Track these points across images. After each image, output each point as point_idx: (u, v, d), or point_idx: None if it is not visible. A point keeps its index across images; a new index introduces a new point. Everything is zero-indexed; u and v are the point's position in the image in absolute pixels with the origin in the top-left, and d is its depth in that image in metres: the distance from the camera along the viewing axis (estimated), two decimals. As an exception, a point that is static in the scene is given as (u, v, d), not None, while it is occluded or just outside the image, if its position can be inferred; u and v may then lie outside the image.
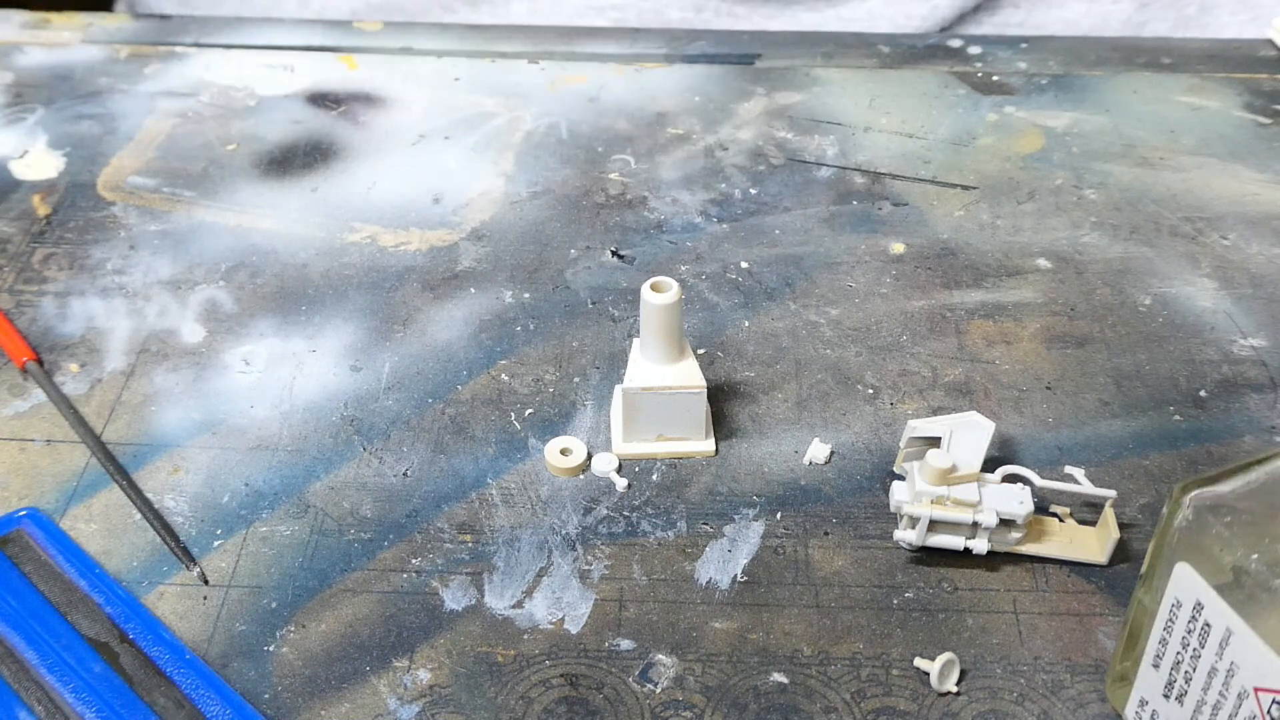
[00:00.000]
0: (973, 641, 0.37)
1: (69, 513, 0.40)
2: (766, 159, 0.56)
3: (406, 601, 0.38)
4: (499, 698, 0.36)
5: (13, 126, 0.57)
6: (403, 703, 0.36)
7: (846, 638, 0.37)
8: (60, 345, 0.46)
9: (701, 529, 0.40)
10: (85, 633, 0.37)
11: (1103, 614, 0.38)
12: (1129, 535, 0.40)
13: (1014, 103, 0.59)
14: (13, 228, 0.51)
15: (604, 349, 0.47)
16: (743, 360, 0.46)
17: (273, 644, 0.37)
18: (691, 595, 0.39)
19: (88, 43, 0.63)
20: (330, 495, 0.41)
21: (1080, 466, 0.41)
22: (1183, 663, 0.32)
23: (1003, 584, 0.39)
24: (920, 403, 0.45)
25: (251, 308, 0.48)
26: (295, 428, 0.43)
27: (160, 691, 0.35)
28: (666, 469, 0.42)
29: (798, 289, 0.49)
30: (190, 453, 0.43)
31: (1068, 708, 0.36)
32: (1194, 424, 0.44)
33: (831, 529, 0.41)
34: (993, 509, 0.38)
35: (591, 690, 0.36)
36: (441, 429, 0.44)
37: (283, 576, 0.39)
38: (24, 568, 0.38)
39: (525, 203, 0.53)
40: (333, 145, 0.56)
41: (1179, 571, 0.31)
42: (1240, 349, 0.47)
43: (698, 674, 0.36)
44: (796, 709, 0.36)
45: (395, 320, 0.48)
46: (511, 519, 0.41)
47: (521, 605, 0.38)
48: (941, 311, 0.48)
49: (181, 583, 0.39)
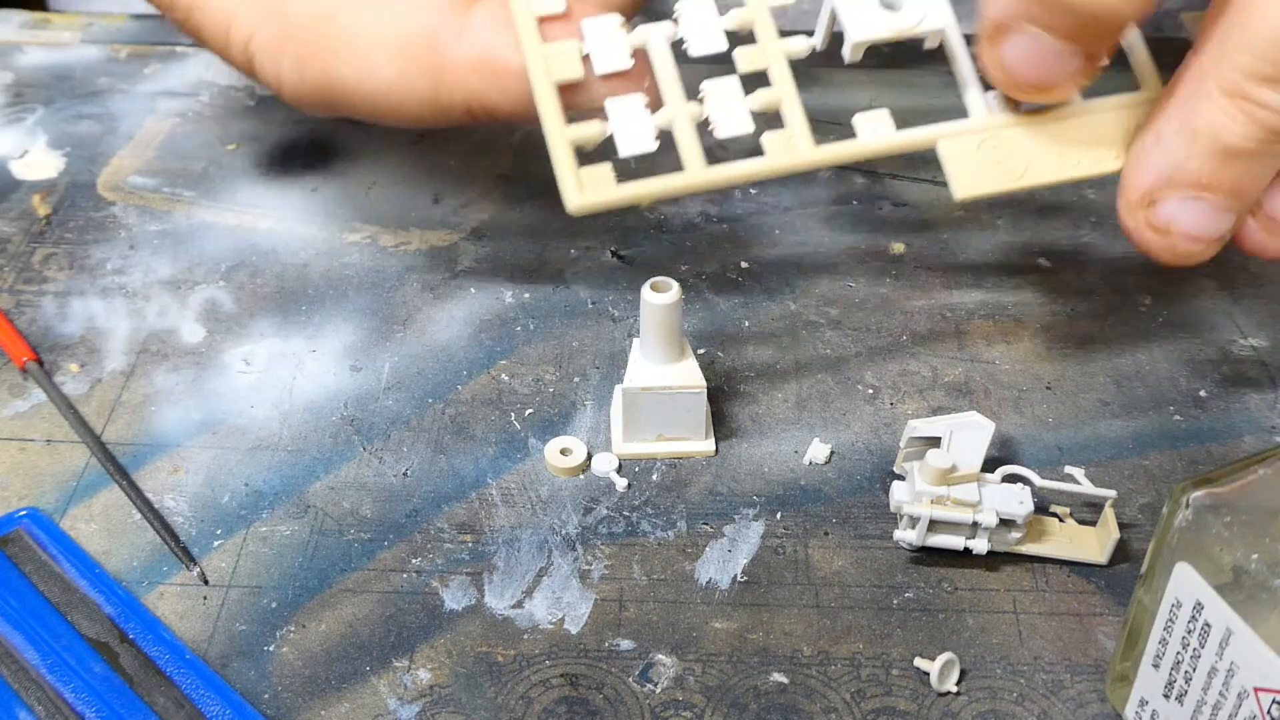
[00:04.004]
0: (973, 641, 0.37)
1: (69, 513, 0.40)
2: (766, 159, 0.56)
3: (406, 601, 0.38)
4: (499, 698, 0.36)
5: (13, 126, 0.57)
6: (403, 703, 0.36)
7: (846, 638, 0.37)
8: (60, 345, 0.46)
9: (701, 529, 0.40)
10: (85, 633, 0.37)
11: (1103, 614, 0.38)
12: (1129, 535, 0.40)
13: (1014, 103, 0.59)
14: (13, 228, 0.51)
15: (604, 349, 0.47)
16: (743, 360, 0.46)
17: (273, 644, 0.37)
18: (691, 595, 0.39)
19: (88, 43, 0.63)
20: (330, 495, 0.41)
21: (1080, 466, 0.41)
22: (1183, 663, 0.32)
23: (1003, 584, 0.39)
24: (920, 403, 0.45)
25: (251, 308, 0.48)
26: (295, 428, 0.43)
27: (160, 691, 0.35)
28: (666, 469, 0.42)
29: (798, 289, 0.49)
30: (190, 453, 0.43)
31: (1068, 708, 0.36)
32: (1194, 424, 0.44)
33: (831, 529, 0.41)
34: (993, 509, 0.38)
35: (591, 690, 0.36)
36: (441, 429, 0.44)
37: (283, 576, 0.39)
38: (24, 568, 0.38)
39: (525, 203, 0.53)
40: (333, 145, 0.56)
41: (1179, 571, 0.31)
42: (1240, 349, 0.47)
43: (698, 674, 0.36)
44: (796, 709, 0.36)
45: (395, 320, 0.48)
46: (511, 519, 0.41)
47: (521, 605, 0.38)
48: (941, 311, 0.49)
49: (181, 583, 0.39)
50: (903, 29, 0.39)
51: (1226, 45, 0.37)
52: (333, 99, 0.43)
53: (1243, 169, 0.38)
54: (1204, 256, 0.40)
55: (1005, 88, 0.39)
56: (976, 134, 0.40)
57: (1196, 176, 0.38)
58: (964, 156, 0.39)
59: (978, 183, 0.39)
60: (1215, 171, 0.38)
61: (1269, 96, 0.36)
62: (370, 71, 0.41)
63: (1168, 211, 0.39)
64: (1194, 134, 0.37)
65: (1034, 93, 0.38)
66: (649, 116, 0.38)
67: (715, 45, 0.39)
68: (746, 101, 0.38)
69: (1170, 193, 0.38)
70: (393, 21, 0.41)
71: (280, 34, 0.42)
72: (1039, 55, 0.37)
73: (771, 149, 0.38)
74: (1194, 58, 0.38)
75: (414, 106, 0.41)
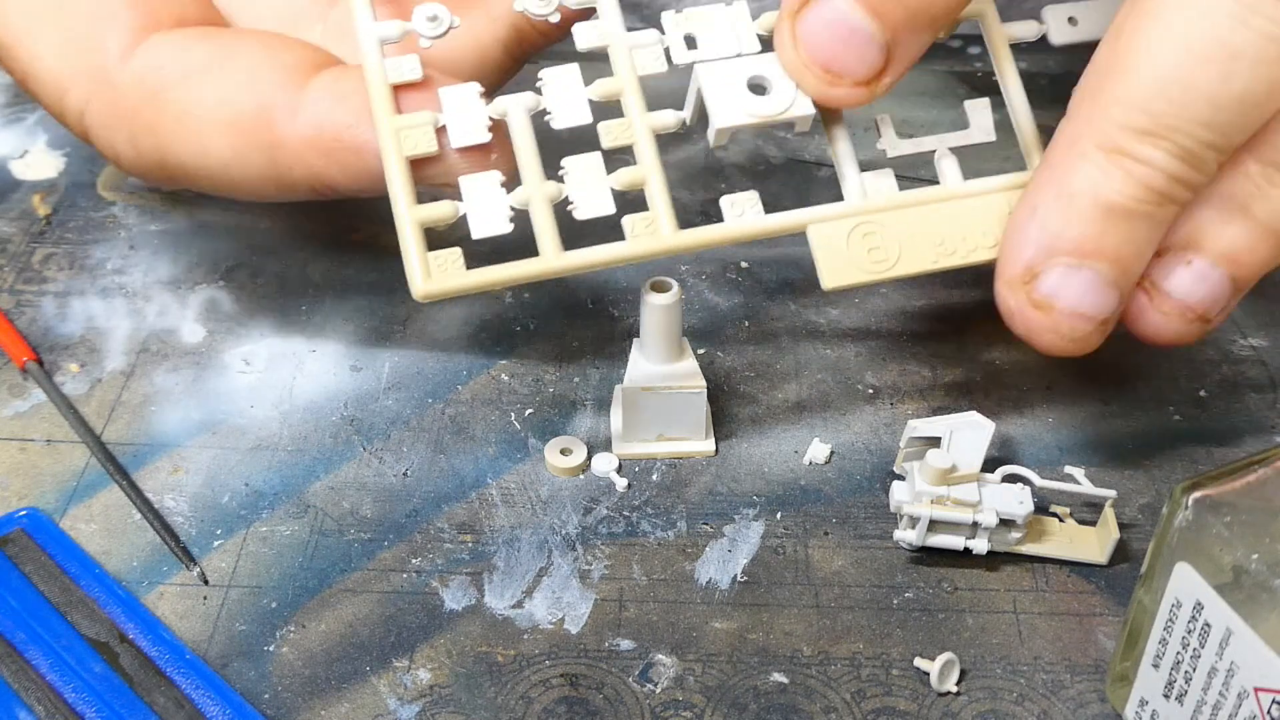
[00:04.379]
0: (973, 641, 0.37)
1: (69, 513, 0.40)
2: (766, 159, 0.56)
3: (406, 601, 0.38)
4: (499, 698, 0.36)
5: (13, 126, 0.57)
6: (403, 703, 0.36)
7: (846, 638, 0.37)
8: (60, 345, 0.46)
9: (701, 529, 0.40)
10: (85, 633, 0.37)
11: (1103, 614, 0.38)
12: (1129, 535, 0.40)
13: (1014, 103, 0.59)
14: (13, 228, 0.51)
15: (604, 349, 0.47)
16: (743, 360, 0.46)
17: (273, 644, 0.37)
18: (691, 595, 0.39)
19: (88, 43, 0.63)
20: (330, 495, 0.41)
21: (1080, 466, 0.41)
22: (1183, 663, 0.32)
23: (1003, 584, 0.39)
24: (920, 403, 0.45)
25: (251, 308, 0.48)
26: (295, 428, 0.43)
27: (160, 691, 0.35)
28: (666, 469, 0.42)
29: (798, 289, 0.49)
30: (190, 453, 0.43)
31: (1068, 708, 0.36)
32: (1194, 424, 0.44)
33: (831, 529, 0.41)
34: (993, 509, 0.38)
35: (591, 690, 0.36)
36: (441, 429, 0.44)
37: (283, 576, 0.39)
38: (24, 568, 0.38)
39: (525, 203, 0.53)
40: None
41: (1179, 571, 0.31)
42: (1240, 349, 0.47)
43: (698, 674, 0.36)
44: (796, 709, 0.36)
45: (395, 320, 0.48)
46: (511, 519, 0.41)
47: (521, 605, 0.38)
48: (941, 312, 0.48)
49: (181, 583, 0.39)
50: (769, 115, 0.37)
51: (1101, 100, 0.35)
52: (171, 175, 0.41)
53: (1125, 232, 0.35)
54: (1091, 341, 0.37)
55: (793, 69, 0.37)
56: (849, 219, 0.38)
57: (1078, 243, 0.35)
58: (834, 244, 0.38)
59: (847, 273, 0.38)
60: (1097, 236, 0.35)
61: (1148, 151, 0.34)
62: (205, 149, 0.39)
63: (1050, 285, 0.36)
64: (1071, 197, 0.35)
65: (821, 78, 0.36)
66: (504, 195, 0.37)
67: (580, 117, 0.37)
68: (609, 180, 0.37)
69: (1051, 263, 0.36)
70: (226, 97, 0.39)
71: (111, 109, 0.40)
72: (837, 26, 0.35)
73: (633, 232, 0.37)
74: (1066, 123, 0.36)
75: (255, 184, 0.40)
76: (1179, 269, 0.37)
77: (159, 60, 0.39)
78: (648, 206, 0.38)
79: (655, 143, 0.38)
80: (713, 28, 0.38)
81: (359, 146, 0.38)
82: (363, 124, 0.38)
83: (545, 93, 0.38)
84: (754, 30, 0.39)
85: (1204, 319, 0.38)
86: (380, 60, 0.37)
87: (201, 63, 0.39)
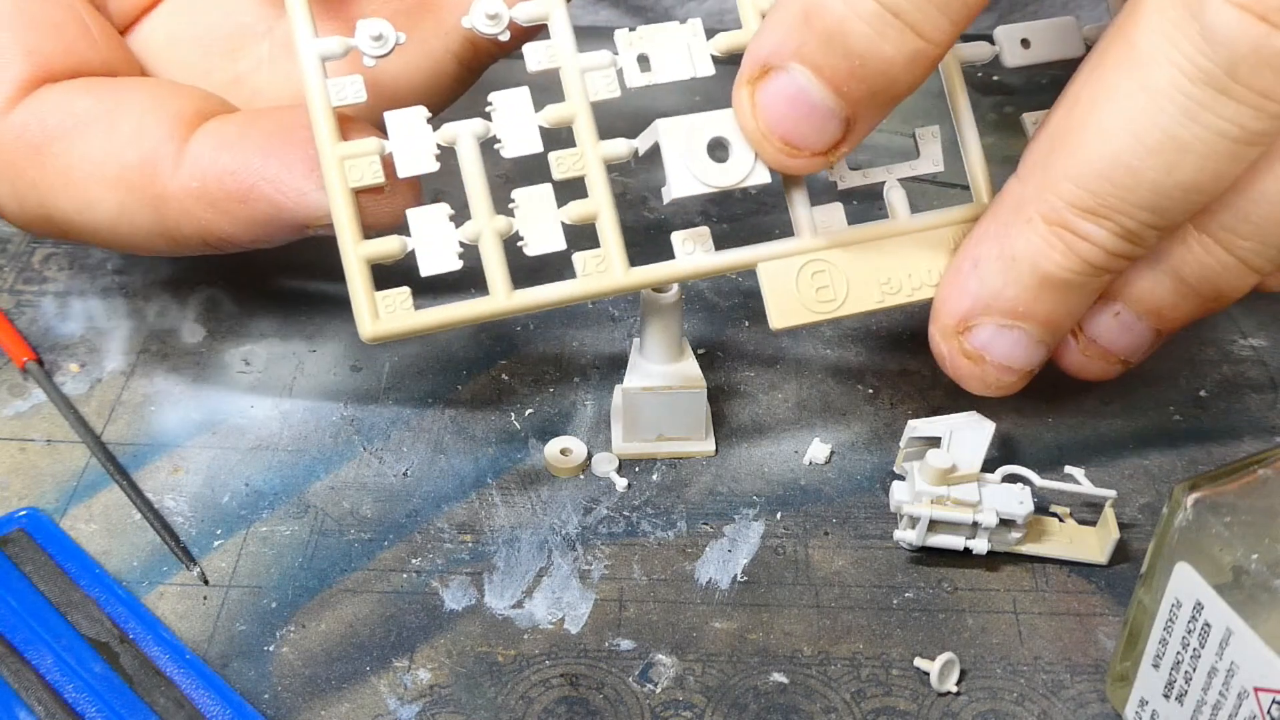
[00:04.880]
0: (973, 641, 0.37)
1: (69, 513, 0.40)
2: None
3: (406, 601, 0.38)
4: (499, 698, 0.36)
5: (13, 126, 0.57)
6: (403, 703, 0.36)
7: (846, 638, 0.37)
8: (60, 345, 0.46)
9: (701, 529, 0.40)
10: (85, 633, 0.37)
11: (1103, 614, 0.38)
12: (1129, 535, 0.40)
13: (1014, 103, 0.59)
14: (13, 227, 0.51)
15: (604, 349, 0.47)
16: (743, 360, 0.46)
17: (273, 644, 0.37)
18: (691, 595, 0.39)
19: (88, 43, 0.63)
20: (330, 495, 0.41)
21: (1080, 466, 0.41)
22: (1183, 663, 0.32)
23: (1003, 584, 0.39)
24: (920, 403, 0.45)
25: (251, 308, 0.48)
26: (295, 428, 0.43)
27: (160, 691, 0.35)
28: (666, 469, 0.42)
29: (798, 289, 0.49)
30: (190, 453, 0.43)
31: (1068, 708, 0.36)
32: (1194, 424, 0.44)
33: (831, 529, 0.41)
34: (993, 509, 0.38)
35: (591, 690, 0.36)
36: (441, 429, 0.44)
37: (283, 576, 0.39)
38: (24, 568, 0.38)
39: (525, 203, 0.53)
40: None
41: (1179, 571, 0.31)
42: (1240, 349, 0.47)
43: (698, 674, 0.36)
44: (796, 709, 0.36)
45: (395, 320, 0.48)
46: (511, 519, 0.41)
47: (521, 605, 0.38)
48: (941, 311, 0.48)
49: (181, 583, 0.39)
50: (725, 185, 0.37)
51: (1051, 172, 0.35)
52: (58, 230, 0.40)
53: (1060, 300, 0.36)
54: (1015, 388, 0.38)
55: (751, 138, 0.36)
56: (798, 256, 0.38)
57: (1013, 305, 0.36)
58: (783, 283, 0.38)
59: (795, 313, 0.38)
60: (1032, 301, 0.36)
61: (1090, 229, 0.35)
62: (90, 205, 0.38)
63: (981, 339, 0.37)
64: (1013, 260, 0.36)
65: (780, 150, 0.36)
66: (453, 230, 0.36)
67: (530, 146, 0.37)
68: (560, 213, 0.37)
69: (985, 320, 0.37)
70: (109, 151, 0.37)
71: None
72: (798, 102, 0.35)
73: (584, 270, 0.37)
74: (1015, 182, 0.37)
75: (144, 240, 0.38)
76: (1106, 318, 0.38)
77: (42, 113, 0.38)
78: (599, 241, 0.37)
79: (606, 174, 0.37)
80: (667, 48, 0.38)
81: (244, 194, 0.36)
82: (248, 169, 0.36)
83: (495, 119, 0.37)
84: (709, 50, 0.38)
85: (1125, 363, 0.40)
86: (322, 80, 0.35)
87: (87, 115, 0.38)
